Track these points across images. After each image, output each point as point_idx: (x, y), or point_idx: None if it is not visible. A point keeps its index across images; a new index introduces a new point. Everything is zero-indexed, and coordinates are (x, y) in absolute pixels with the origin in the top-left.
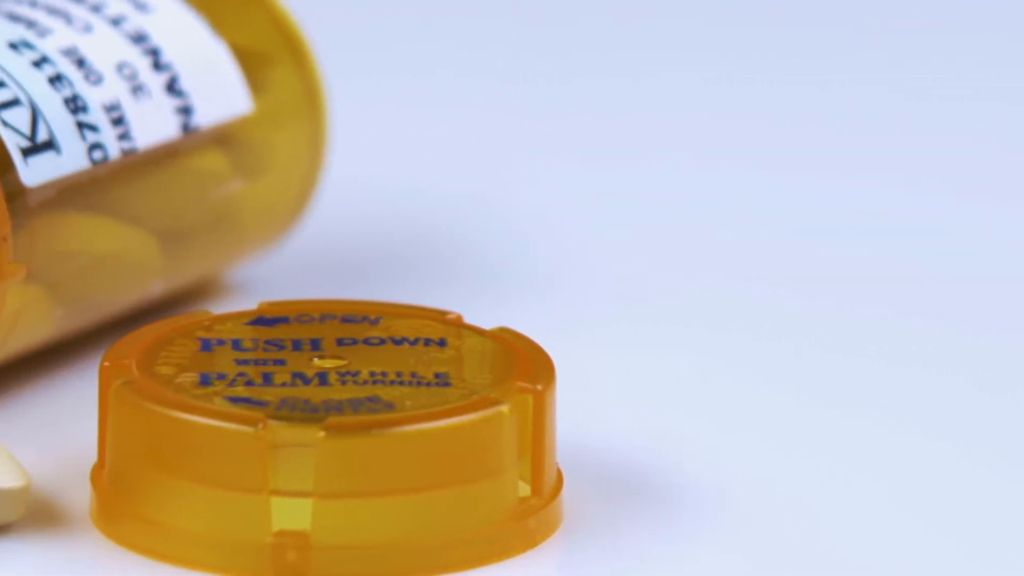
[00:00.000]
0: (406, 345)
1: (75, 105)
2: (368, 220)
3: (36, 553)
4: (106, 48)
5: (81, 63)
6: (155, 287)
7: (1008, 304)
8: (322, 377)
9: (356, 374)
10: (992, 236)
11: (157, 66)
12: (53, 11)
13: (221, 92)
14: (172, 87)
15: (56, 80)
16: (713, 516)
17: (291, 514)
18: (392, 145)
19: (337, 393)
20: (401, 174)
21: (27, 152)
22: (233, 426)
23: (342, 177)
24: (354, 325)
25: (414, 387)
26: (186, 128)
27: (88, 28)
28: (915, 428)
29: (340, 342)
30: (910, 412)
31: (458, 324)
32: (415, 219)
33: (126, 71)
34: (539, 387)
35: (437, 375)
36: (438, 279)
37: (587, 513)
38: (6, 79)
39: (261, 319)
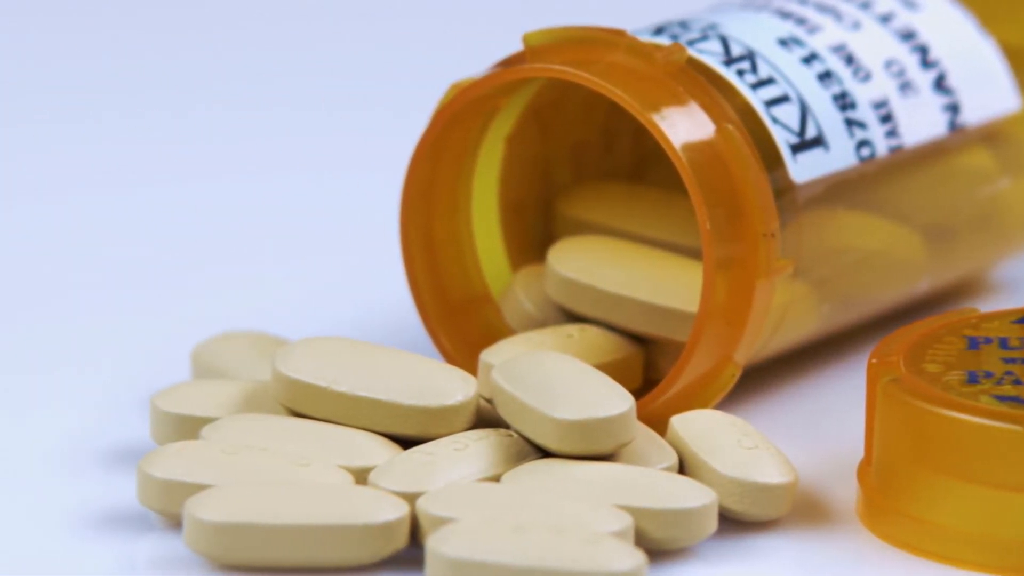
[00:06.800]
0: None
1: (844, 102)
2: None
3: (801, 548)
4: (874, 45)
5: (849, 60)
6: (920, 285)
7: None
8: None
9: None
10: None
11: (925, 63)
12: (823, 8)
13: (989, 89)
14: (940, 84)
15: (825, 77)
16: None
17: None
18: None
19: None
20: None
21: (796, 148)
22: (1001, 424)
23: None
24: None
25: None
26: (953, 126)
27: (856, 25)
28: None
29: None
30: None
31: None
32: None
33: (894, 68)
34: None
35: None
36: None
37: None
38: (776, 76)
39: None
